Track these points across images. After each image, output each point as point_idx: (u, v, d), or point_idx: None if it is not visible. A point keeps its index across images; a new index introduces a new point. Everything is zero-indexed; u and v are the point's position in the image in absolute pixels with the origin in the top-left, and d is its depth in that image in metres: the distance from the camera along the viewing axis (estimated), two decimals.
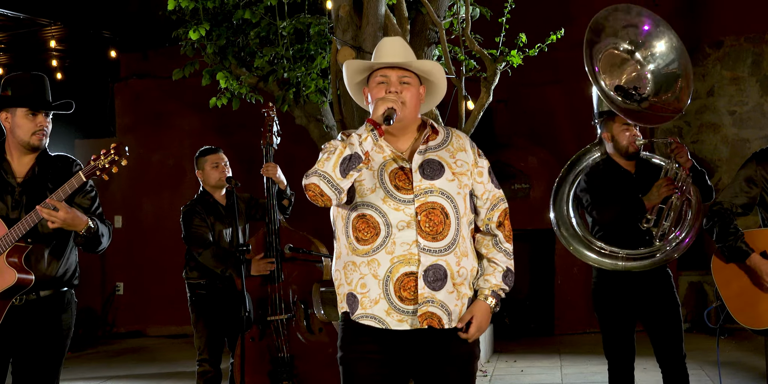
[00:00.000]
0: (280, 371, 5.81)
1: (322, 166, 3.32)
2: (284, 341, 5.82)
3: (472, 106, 7.27)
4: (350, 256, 3.49)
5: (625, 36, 5.40)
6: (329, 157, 3.33)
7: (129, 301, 12.55)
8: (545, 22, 7.95)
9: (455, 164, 3.56)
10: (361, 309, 3.46)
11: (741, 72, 11.04)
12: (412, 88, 3.55)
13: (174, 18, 7.94)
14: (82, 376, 9.25)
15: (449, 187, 3.50)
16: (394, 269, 3.41)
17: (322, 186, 3.31)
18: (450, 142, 3.64)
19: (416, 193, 3.45)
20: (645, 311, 5.28)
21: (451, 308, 3.48)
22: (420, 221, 3.42)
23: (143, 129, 12.54)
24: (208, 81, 8.02)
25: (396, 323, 3.44)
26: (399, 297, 3.41)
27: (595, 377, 7.75)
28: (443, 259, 3.45)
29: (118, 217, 12.55)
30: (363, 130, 3.38)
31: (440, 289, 3.44)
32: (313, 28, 7.45)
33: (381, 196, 3.44)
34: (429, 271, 3.42)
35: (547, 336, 10.82)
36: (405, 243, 3.42)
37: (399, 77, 3.54)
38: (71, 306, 4.53)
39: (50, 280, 4.36)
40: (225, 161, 6.47)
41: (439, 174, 3.51)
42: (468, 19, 7.03)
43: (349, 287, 3.49)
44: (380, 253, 3.43)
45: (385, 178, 3.47)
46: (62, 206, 4.11)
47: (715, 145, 11.04)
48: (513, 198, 11.27)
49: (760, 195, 4.67)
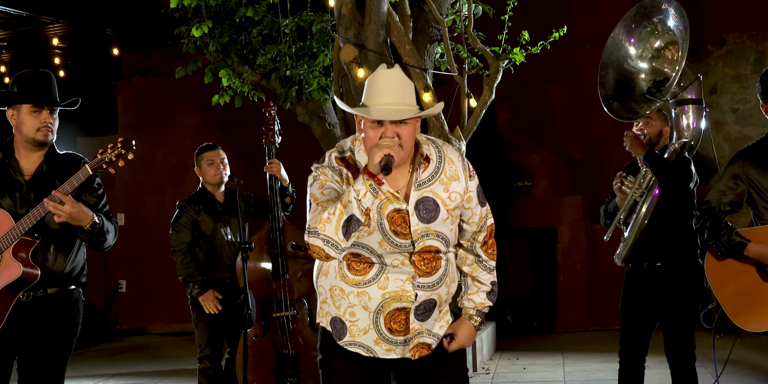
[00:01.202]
0: (285, 368, 5.82)
1: (324, 229, 3.19)
2: (289, 338, 5.83)
3: (474, 104, 7.27)
4: (338, 282, 3.42)
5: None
6: (329, 218, 3.19)
7: (131, 298, 12.57)
8: (548, 20, 7.95)
9: (449, 199, 3.42)
10: (349, 336, 3.44)
11: (743, 69, 11.02)
12: (409, 127, 3.32)
13: (176, 15, 7.94)
14: (85, 374, 9.26)
15: (443, 227, 3.42)
16: (385, 304, 3.38)
17: (327, 250, 3.22)
18: (443, 170, 3.43)
19: (414, 238, 3.36)
20: (667, 307, 5.32)
21: (437, 331, 3.51)
22: (415, 261, 3.38)
23: (146, 127, 12.55)
24: (211, 79, 8.02)
25: (384, 352, 3.43)
26: (389, 329, 3.40)
27: (598, 375, 7.74)
28: (436, 292, 3.44)
29: (121, 215, 12.55)
30: (360, 183, 3.19)
31: (428, 319, 3.47)
32: (315, 26, 7.45)
33: (378, 240, 3.36)
34: (421, 306, 3.42)
35: (549, 333, 10.82)
36: (399, 279, 3.38)
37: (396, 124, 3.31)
38: (78, 304, 4.53)
39: (57, 277, 4.36)
40: (221, 158, 6.44)
41: (434, 215, 3.39)
42: (470, 17, 7.03)
43: (337, 311, 3.44)
44: (372, 287, 3.38)
45: (383, 221, 3.35)
46: (68, 200, 4.11)
47: (718, 143, 11.02)
48: (515, 196, 11.27)
49: (747, 192, 4.62)
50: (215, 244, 6.37)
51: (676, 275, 5.29)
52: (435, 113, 3.61)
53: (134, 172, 12.30)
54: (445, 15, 7.18)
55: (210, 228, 6.36)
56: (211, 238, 6.37)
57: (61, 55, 12.09)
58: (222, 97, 8.00)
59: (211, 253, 6.36)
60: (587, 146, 10.88)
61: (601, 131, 10.53)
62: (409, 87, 3.39)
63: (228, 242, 6.36)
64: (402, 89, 3.35)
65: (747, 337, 4.73)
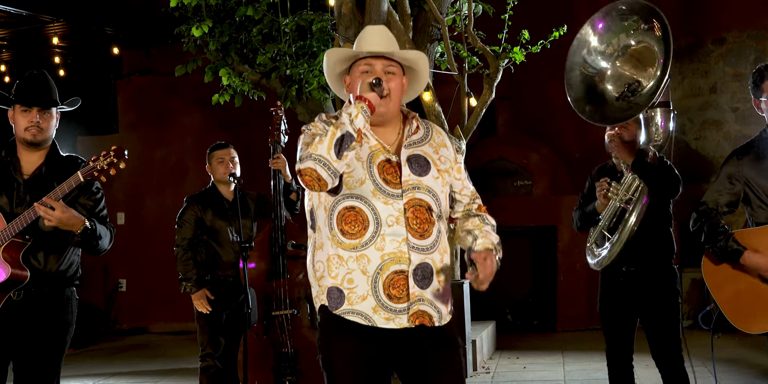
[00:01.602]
0: (284, 367, 5.82)
1: (316, 149, 3.22)
2: (288, 337, 5.84)
3: (474, 103, 7.28)
4: (335, 249, 3.38)
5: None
6: (321, 139, 3.24)
7: (132, 297, 12.58)
8: (548, 19, 7.95)
9: (439, 160, 3.52)
10: (347, 304, 3.37)
11: (743, 69, 11.03)
12: (396, 78, 3.47)
13: (176, 15, 7.95)
14: (85, 373, 9.26)
15: (435, 185, 3.46)
16: (384, 267, 3.34)
17: (318, 170, 3.22)
18: (431, 137, 3.59)
19: (404, 188, 3.38)
20: (643, 308, 5.30)
21: (439, 305, 3.43)
22: (408, 218, 3.36)
23: (146, 126, 12.56)
24: (211, 78, 8.03)
25: (383, 321, 3.36)
26: (387, 295, 3.34)
27: (598, 374, 7.75)
28: (430, 257, 3.40)
29: (121, 214, 12.56)
30: (352, 107, 3.29)
31: (428, 287, 3.40)
32: (315, 25, 7.46)
33: (371, 189, 3.36)
34: (418, 270, 3.37)
35: (549, 332, 10.83)
36: (395, 240, 3.35)
37: (384, 66, 3.46)
38: (71, 303, 4.53)
39: (49, 277, 4.36)
40: (231, 157, 6.47)
41: (426, 170, 3.45)
42: (470, 16, 7.04)
43: (334, 281, 3.39)
44: (369, 249, 3.35)
45: (374, 170, 3.39)
46: (58, 205, 4.13)
47: (718, 142, 11.04)
48: (515, 195, 11.28)
49: (743, 191, 4.59)
50: (219, 242, 6.38)
51: (650, 279, 5.26)
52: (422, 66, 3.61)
53: (134, 172, 12.31)
54: (445, 14, 7.19)
55: (215, 225, 6.38)
56: (216, 236, 6.39)
57: (61, 55, 12.10)
58: (222, 96, 8.01)
59: (215, 250, 6.38)
60: (587, 145, 10.87)
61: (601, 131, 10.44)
62: (395, 41, 3.54)
63: (232, 240, 6.37)
64: (389, 41, 3.51)
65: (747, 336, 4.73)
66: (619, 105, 5.22)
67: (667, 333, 5.24)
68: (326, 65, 3.59)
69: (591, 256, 5.44)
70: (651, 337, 5.28)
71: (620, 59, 5.26)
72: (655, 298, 5.25)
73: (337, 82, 3.65)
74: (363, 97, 3.31)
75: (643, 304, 5.28)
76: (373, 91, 3.33)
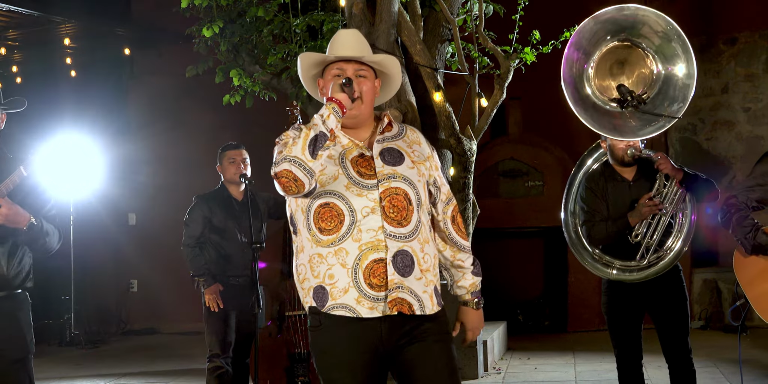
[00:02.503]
0: (297, 367, 5.82)
1: (291, 151, 3.28)
2: (301, 337, 5.84)
3: (485, 104, 7.27)
4: (315, 249, 3.41)
5: None
6: (295, 141, 3.29)
7: (143, 298, 12.59)
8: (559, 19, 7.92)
9: (413, 154, 3.57)
10: (331, 300, 3.38)
11: (755, 69, 11.00)
12: (368, 81, 3.53)
13: (187, 15, 7.96)
14: (97, 373, 9.29)
15: (410, 173, 3.49)
16: (362, 256, 3.36)
17: (294, 170, 3.26)
18: (405, 134, 3.65)
19: (379, 178, 3.43)
20: (653, 308, 5.29)
21: (420, 294, 3.42)
22: (384, 207, 3.39)
23: (157, 126, 12.56)
24: (222, 78, 8.03)
25: (367, 311, 3.36)
26: (369, 284, 3.35)
27: (609, 375, 7.73)
28: (408, 245, 3.41)
29: (132, 215, 12.59)
30: (323, 109, 3.36)
31: (409, 275, 3.40)
32: (326, 26, 7.46)
33: (344, 183, 3.41)
34: (397, 257, 3.38)
35: (560, 333, 10.82)
36: (371, 229, 3.37)
37: (355, 71, 3.52)
38: (25, 304, 4.53)
39: (2, 284, 4.39)
40: (243, 157, 6.47)
41: (399, 161, 3.51)
42: (481, 16, 7.02)
43: (317, 280, 3.41)
44: (347, 242, 3.37)
45: (347, 164, 3.44)
46: (4, 202, 4.15)
47: (730, 142, 11.00)
48: (526, 195, 11.25)
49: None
50: (228, 243, 6.38)
51: (658, 279, 5.25)
52: (392, 69, 3.65)
53: (145, 172, 12.33)
54: (456, 14, 7.18)
55: (223, 225, 6.38)
56: (224, 236, 6.39)
57: (73, 56, 12.12)
58: (233, 96, 8.02)
59: (224, 251, 6.38)
60: None
61: None
62: (367, 45, 3.61)
63: (240, 241, 6.37)
64: (360, 45, 3.57)
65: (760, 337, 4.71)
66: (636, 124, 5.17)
67: (679, 331, 5.24)
68: (300, 68, 3.64)
69: (602, 265, 5.37)
70: (664, 336, 5.28)
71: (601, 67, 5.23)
72: (666, 297, 5.25)
73: (311, 85, 3.71)
74: (334, 98, 3.38)
75: (653, 304, 5.27)
76: (343, 92, 3.40)
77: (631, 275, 5.24)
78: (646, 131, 5.10)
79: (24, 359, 4.44)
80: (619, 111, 5.13)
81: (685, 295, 5.31)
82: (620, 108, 5.12)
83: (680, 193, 5.17)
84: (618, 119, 5.16)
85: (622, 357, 5.38)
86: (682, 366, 5.25)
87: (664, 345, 5.29)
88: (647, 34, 5.07)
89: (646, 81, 5.15)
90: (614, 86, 5.18)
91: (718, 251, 10.48)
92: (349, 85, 3.42)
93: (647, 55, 5.13)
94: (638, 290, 5.26)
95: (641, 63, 5.16)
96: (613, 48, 5.19)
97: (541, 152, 11.30)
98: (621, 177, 5.38)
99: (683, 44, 5.00)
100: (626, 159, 5.31)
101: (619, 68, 5.22)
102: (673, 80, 5.07)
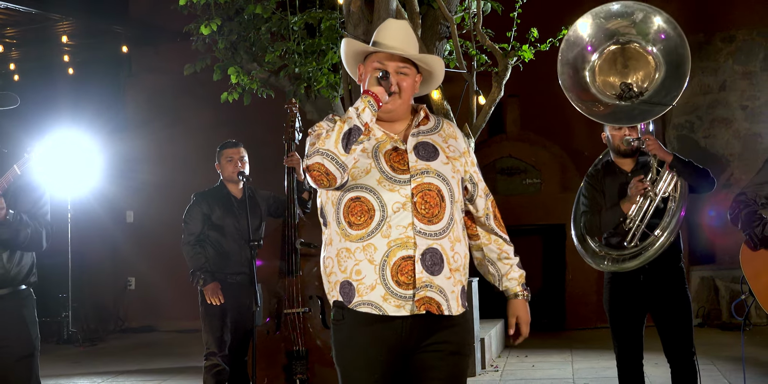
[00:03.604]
0: (295, 365, 5.82)
1: (323, 144, 3.22)
2: (300, 335, 5.83)
3: (483, 101, 7.27)
4: (343, 243, 3.35)
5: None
6: (328, 134, 3.24)
7: (140, 295, 12.59)
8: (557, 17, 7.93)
9: (448, 149, 3.49)
10: (357, 296, 3.32)
11: (753, 67, 11.01)
12: (408, 78, 3.45)
13: (185, 13, 7.95)
14: (94, 371, 9.28)
15: (444, 169, 3.41)
16: (391, 253, 3.29)
17: (326, 164, 3.21)
18: (441, 128, 3.57)
19: (412, 173, 3.35)
20: (655, 306, 5.28)
21: (449, 294, 3.36)
22: (416, 203, 3.31)
23: (154, 124, 12.56)
24: (220, 76, 8.03)
25: (393, 309, 3.29)
26: (396, 281, 3.28)
27: (607, 372, 7.74)
28: (438, 242, 3.33)
29: (130, 213, 12.59)
30: (359, 102, 3.30)
31: (438, 274, 3.33)
32: (324, 23, 7.46)
33: (376, 177, 3.33)
34: (426, 255, 3.31)
35: (558, 331, 10.83)
36: (400, 226, 3.30)
37: (397, 68, 3.44)
38: (29, 301, 4.60)
39: (5, 280, 4.45)
40: (241, 156, 6.46)
41: (434, 156, 3.43)
42: (479, 14, 7.03)
43: (344, 275, 3.34)
44: (376, 237, 3.30)
45: (380, 158, 3.36)
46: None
47: (727, 140, 11.01)
48: (524, 193, 11.26)
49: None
50: (226, 240, 6.38)
51: (662, 277, 5.26)
52: (438, 71, 3.60)
53: (143, 170, 12.33)
54: (454, 12, 7.18)
55: (222, 223, 6.38)
56: (222, 234, 6.38)
57: (70, 53, 12.12)
58: (231, 94, 8.01)
59: (222, 249, 6.38)
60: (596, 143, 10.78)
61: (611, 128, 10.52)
62: (414, 39, 3.52)
63: (239, 239, 6.36)
64: (408, 39, 3.48)
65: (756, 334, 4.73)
66: (628, 109, 5.22)
67: (682, 328, 5.24)
68: (342, 52, 3.58)
69: (596, 255, 5.38)
70: (664, 334, 5.27)
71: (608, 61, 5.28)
72: (669, 295, 5.25)
73: (353, 67, 3.64)
74: (370, 91, 3.32)
75: (656, 302, 5.26)
76: (380, 85, 3.33)
77: (623, 264, 5.20)
78: (639, 118, 5.16)
79: (30, 356, 4.47)
80: (616, 102, 5.20)
81: (687, 295, 5.30)
82: (619, 101, 5.18)
83: (671, 178, 5.16)
84: (610, 107, 5.22)
85: (623, 355, 5.37)
86: (684, 365, 5.25)
87: (666, 344, 5.28)
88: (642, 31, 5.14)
89: (649, 77, 5.20)
90: (617, 83, 5.22)
91: (716, 250, 10.50)
92: (386, 78, 3.34)
93: (646, 51, 5.17)
94: (640, 288, 5.25)
95: (643, 60, 5.20)
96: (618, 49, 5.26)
97: (538, 150, 11.32)
98: (619, 169, 5.38)
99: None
100: (622, 148, 5.32)
101: (622, 65, 5.26)
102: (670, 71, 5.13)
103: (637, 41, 5.21)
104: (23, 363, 4.44)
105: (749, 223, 4.59)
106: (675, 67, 5.13)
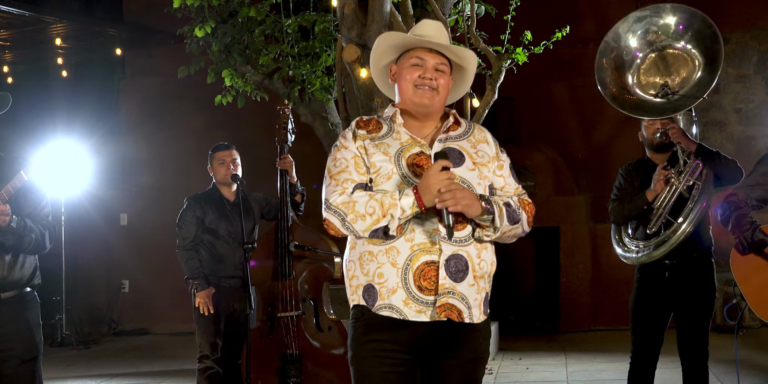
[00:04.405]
0: (289, 368, 5.81)
1: (353, 222, 3.24)
2: (293, 338, 5.82)
3: (477, 104, 7.27)
4: (366, 246, 3.32)
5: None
6: (365, 216, 3.22)
7: (134, 298, 12.57)
8: (550, 20, 7.95)
9: (476, 154, 3.43)
10: (380, 300, 3.28)
11: (746, 70, 11.03)
12: (446, 76, 3.46)
13: (179, 16, 7.95)
14: (88, 374, 9.27)
15: (470, 176, 3.36)
16: (414, 257, 3.25)
17: (344, 232, 3.28)
18: (472, 133, 3.52)
19: None
20: (679, 303, 5.32)
21: (471, 302, 3.31)
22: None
23: (149, 127, 12.55)
24: (214, 79, 8.02)
25: (414, 314, 3.25)
26: (418, 286, 3.24)
27: (601, 375, 7.75)
28: (464, 249, 3.29)
29: (124, 215, 12.57)
30: (408, 205, 3.20)
31: (462, 281, 3.28)
32: (318, 26, 7.46)
33: (397, 182, 3.30)
34: (450, 261, 3.26)
35: (552, 333, 10.83)
36: (425, 231, 3.26)
37: (435, 64, 3.44)
38: (33, 303, 4.63)
39: (9, 283, 4.48)
40: (233, 158, 6.45)
41: (459, 162, 3.36)
42: (473, 17, 7.03)
43: (366, 278, 3.32)
44: (399, 241, 3.26)
45: (402, 163, 3.33)
46: (4, 207, 4.22)
47: (721, 143, 11.02)
48: None
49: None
50: (220, 243, 6.37)
51: (690, 272, 5.30)
52: (472, 65, 3.60)
53: (137, 172, 12.32)
54: (448, 15, 7.18)
55: (215, 226, 6.37)
56: (216, 237, 6.38)
57: (64, 55, 12.10)
58: (225, 97, 8.01)
59: (216, 252, 6.37)
60: (590, 146, 10.88)
61: (605, 131, 10.55)
62: (448, 38, 3.54)
63: (232, 242, 6.36)
64: (446, 38, 3.51)
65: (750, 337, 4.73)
66: (661, 103, 5.38)
67: (699, 329, 5.28)
68: (375, 51, 3.55)
69: (627, 248, 5.46)
70: (682, 333, 5.31)
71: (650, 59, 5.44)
72: (695, 292, 5.29)
73: (382, 72, 3.62)
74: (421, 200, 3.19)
75: (682, 299, 5.29)
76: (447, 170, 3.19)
77: (652, 253, 5.29)
78: (669, 111, 5.35)
79: (33, 359, 4.48)
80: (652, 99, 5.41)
81: (712, 292, 5.35)
82: (655, 98, 5.34)
83: (695, 166, 5.23)
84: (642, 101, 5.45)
85: (638, 354, 5.40)
86: (696, 369, 5.28)
87: (682, 347, 5.32)
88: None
89: (688, 78, 5.37)
90: (659, 83, 5.40)
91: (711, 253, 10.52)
92: (446, 157, 3.23)
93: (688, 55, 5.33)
94: (666, 286, 5.30)
95: (682, 62, 5.38)
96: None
97: (532, 152, 11.32)
98: (653, 163, 5.48)
99: None
100: (655, 141, 5.42)
101: (663, 66, 5.43)
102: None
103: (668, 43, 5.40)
104: (27, 366, 4.45)
105: (739, 226, 4.60)
106: (709, 62, 5.46)
